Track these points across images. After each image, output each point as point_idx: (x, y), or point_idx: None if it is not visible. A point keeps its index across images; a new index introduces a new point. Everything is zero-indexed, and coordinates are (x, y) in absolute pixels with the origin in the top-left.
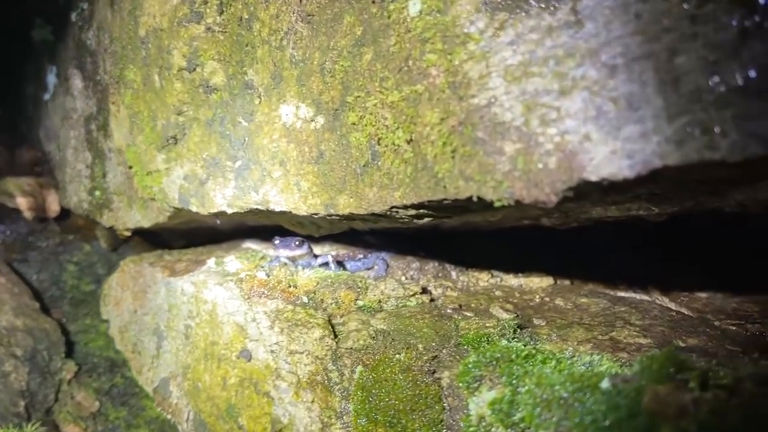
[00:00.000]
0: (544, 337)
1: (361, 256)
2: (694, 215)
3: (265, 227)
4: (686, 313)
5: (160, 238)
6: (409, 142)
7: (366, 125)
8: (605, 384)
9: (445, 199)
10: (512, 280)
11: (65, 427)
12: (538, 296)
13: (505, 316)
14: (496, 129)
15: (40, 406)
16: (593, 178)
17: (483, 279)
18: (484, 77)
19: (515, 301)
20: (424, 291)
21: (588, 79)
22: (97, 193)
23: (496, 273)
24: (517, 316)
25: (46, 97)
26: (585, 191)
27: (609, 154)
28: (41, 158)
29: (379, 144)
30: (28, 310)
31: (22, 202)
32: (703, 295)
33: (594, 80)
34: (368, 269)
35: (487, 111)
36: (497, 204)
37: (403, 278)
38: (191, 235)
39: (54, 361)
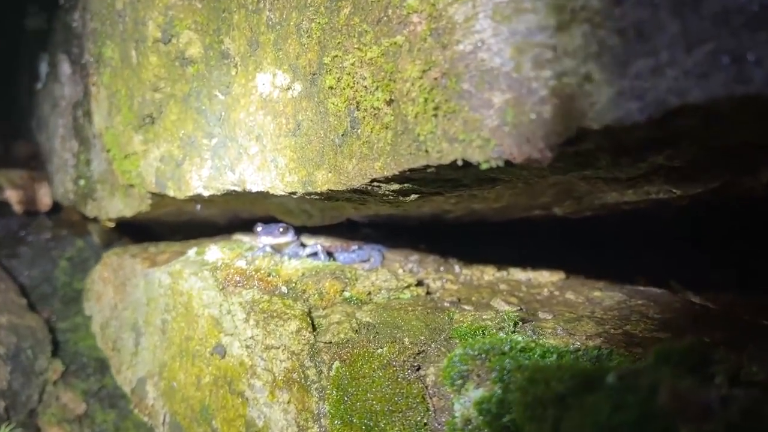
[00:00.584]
0: (549, 331)
1: (356, 247)
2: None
3: (259, 219)
4: (712, 307)
5: (153, 233)
6: (389, 103)
7: (344, 88)
8: (611, 379)
9: (429, 166)
10: (520, 274)
11: (49, 429)
12: (546, 290)
13: (506, 308)
14: (484, 78)
15: (22, 408)
16: (595, 126)
17: (488, 273)
18: (470, 19)
19: (521, 294)
20: (420, 283)
21: (589, 9)
22: (82, 182)
23: (503, 267)
24: (521, 309)
25: (39, 86)
26: (588, 147)
27: (614, 95)
28: (37, 151)
29: (358, 109)
30: (13, 307)
31: (12, 195)
32: (731, 289)
33: (596, 10)
34: (363, 261)
35: (473, 58)
36: (484, 166)
37: (400, 270)
38: (185, 229)
39: (39, 360)
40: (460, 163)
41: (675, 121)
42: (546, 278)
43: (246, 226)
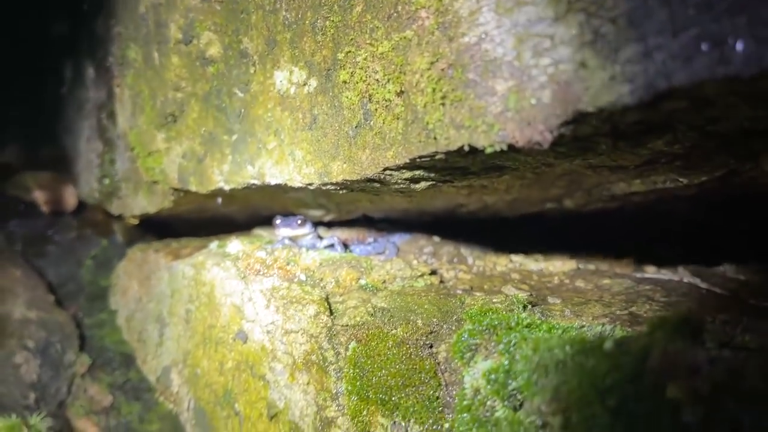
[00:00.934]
0: (557, 313)
1: (371, 240)
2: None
3: (277, 215)
4: (718, 291)
5: (175, 232)
6: (399, 94)
7: (357, 82)
8: (608, 344)
9: (437, 153)
10: (532, 265)
11: (77, 420)
12: (557, 278)
13: (516, 292)
14: (488, 67)
15: (51, 400)
16: (590, 108)
17: (501, 263)
18: (474, 13)
19: (532, 283)
20: (434, 273)
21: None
22: (106, 181)
23: (515, 258)
24: (531, 294)
25: (64, 89)
26: (585, 131)
27: (607, 80)
28: (63, 153)
29: (370, 101)
30: (42, 303)
31: (39, 196)
32: (739, 275)
33: (591, 0)
34: (379, 253)
35: (478, 49)
36: (489, 150)
37: (414, 261)
38: (207, 226)
39: (67, 354)
40: (466, 148)
41: (665, 103)
42: (558, 268)
43: (265, 222)
